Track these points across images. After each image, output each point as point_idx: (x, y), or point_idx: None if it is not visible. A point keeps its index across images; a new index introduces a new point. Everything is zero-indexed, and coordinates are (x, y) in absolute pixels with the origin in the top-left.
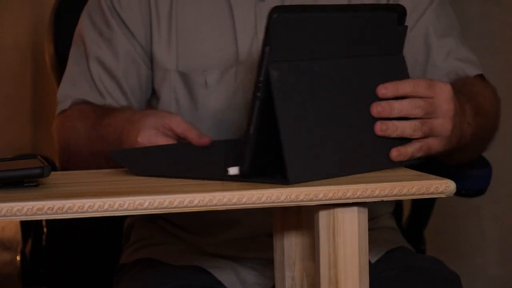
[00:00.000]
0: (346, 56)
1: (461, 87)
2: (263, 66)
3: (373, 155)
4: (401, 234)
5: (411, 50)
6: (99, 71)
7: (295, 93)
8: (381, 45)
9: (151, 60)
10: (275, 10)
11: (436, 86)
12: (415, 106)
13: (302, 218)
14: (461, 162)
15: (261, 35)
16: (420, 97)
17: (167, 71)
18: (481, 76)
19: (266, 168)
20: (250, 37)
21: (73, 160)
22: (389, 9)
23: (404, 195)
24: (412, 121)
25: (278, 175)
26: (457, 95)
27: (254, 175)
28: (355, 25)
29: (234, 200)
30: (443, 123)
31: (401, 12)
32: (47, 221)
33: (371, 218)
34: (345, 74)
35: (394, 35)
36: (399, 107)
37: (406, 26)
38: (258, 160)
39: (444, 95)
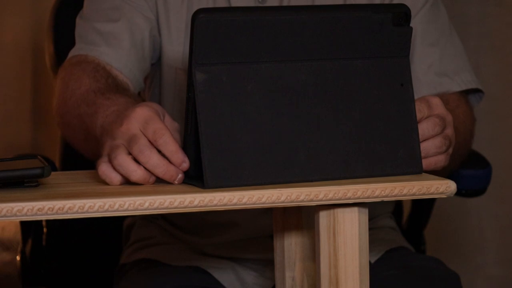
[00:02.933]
0: (306, 59)
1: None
2: (191, 68)
3: (332, 162)
4: (401, 234)
5: None
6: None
7: (222, 97)
8: (366, 47)
9: (159, 55)
10: (200, 11)
11: (431, 103)
12: (434, 124)
13: (303, 219)
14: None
15: None
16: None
17: (173, 68)
18: (461, 92)
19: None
20: None
21: (65, 111)
22: (378, 10)
23: (405, 195)
24: (435, 139)
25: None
26: None
27: (198, 176)
28: (321, 27)
29: (235, 201)
30: (453, 132)
31: (403, 12)
32: (47, 221)
33: (371, 218)
34: (302, 78)
35: (388, 37)
36: (420, 133)
37: (410, 27)
38: (199, 160)
39: (440, 108)
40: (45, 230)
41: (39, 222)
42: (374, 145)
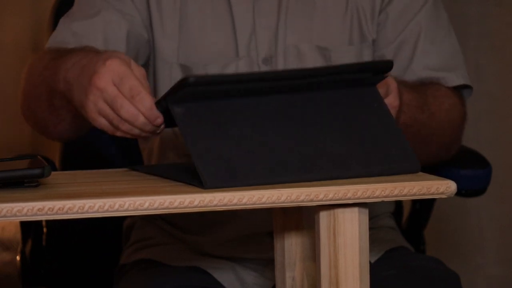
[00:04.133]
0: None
1: (418, 85)
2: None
3: (327, 162)
4: (401, 234)
5: (397, 53)
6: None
7: (205, 117)
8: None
9: (153, 51)
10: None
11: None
12: None
13: (303, 219)
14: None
15: (259, 33)
16: None
17: (168, 63)
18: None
19: None
20: (249, 33)
21: (29, 102)
22: (361, 69)
23: (405, 195)
24: None
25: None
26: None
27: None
28: (303, 94)
29: (235, 201)
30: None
31: (384, 68)
32: (47, 221)
33: (370, 218)
34: (283, 104)
35: (363, 83)
36: None
37: (382, 76)
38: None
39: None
40: (45, 230)
41: (39, 222)
42: (365, 146)
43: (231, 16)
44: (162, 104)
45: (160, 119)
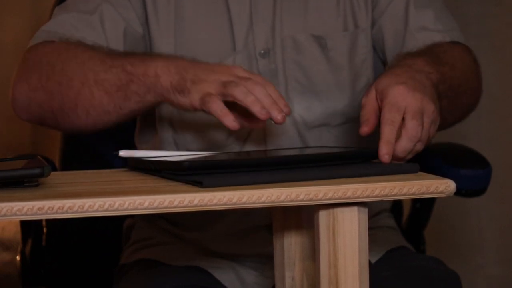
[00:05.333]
0: None
1: (423, 50)
2: None
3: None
4: (401, 234)
5: (392, 20)
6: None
7: None
8: None
9: (150, 47)
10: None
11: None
12: (391, 124)
13: (302, 218)
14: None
15: (256, 26)
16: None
17: None
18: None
19: None
20: (246, 27)
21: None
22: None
23: (404, 194)
24: (400, 142)
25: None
26: (411, 59)
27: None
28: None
29: (235, 200)
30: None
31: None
32: (47, 221)
33: (370, 216)
34: None
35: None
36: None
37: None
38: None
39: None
40: (45, 230)
41: (39, 222)
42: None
43: (228, 10)
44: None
45: (287, 109)
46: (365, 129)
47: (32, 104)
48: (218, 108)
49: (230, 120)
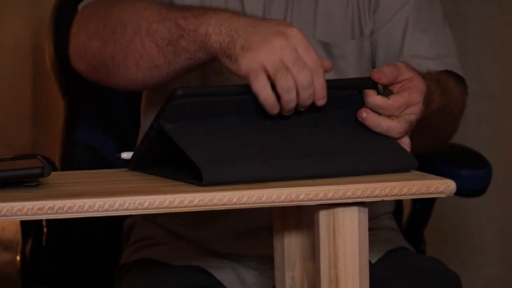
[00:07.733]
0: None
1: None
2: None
3: (322, 159)
4: (401, 235)
5: (388, 39)
6: None
7: (193, 123)
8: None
9: None
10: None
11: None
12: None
13: (302, 218)
14: (425, 145)
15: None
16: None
17: None
18: (451, 73)
19: None
20: None
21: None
22: (347, 87)
23: (404, 194)
24: (397, 125)
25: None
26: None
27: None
28: None
29: (235, 200)
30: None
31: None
32: (47, 221)
33: (371, 218)
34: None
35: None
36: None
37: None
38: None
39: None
40: (45, 230)
41: (39, 222)
42: (358, 144)
43: (243, 9)
44: (154, 127)
45: (323, 101)
46: (376, 75)
47: (87, 52)
48: (263, 94)
49: (272, 110)
